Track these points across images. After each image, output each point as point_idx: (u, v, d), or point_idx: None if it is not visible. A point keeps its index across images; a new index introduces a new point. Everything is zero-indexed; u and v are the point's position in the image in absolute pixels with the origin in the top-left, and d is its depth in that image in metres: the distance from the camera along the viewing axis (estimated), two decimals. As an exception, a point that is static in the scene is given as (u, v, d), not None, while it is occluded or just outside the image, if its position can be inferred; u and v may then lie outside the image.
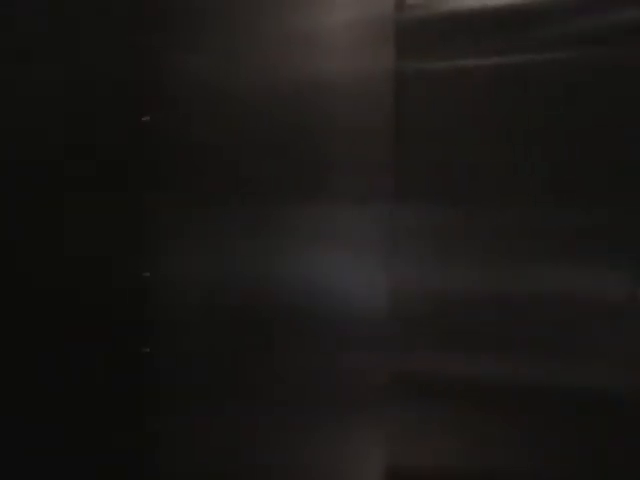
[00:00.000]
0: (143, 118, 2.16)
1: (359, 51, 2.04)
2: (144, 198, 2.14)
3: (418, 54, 2.03)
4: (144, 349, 2.10)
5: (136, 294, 2.11)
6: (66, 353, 2.15)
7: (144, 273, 2.12)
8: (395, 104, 2.03)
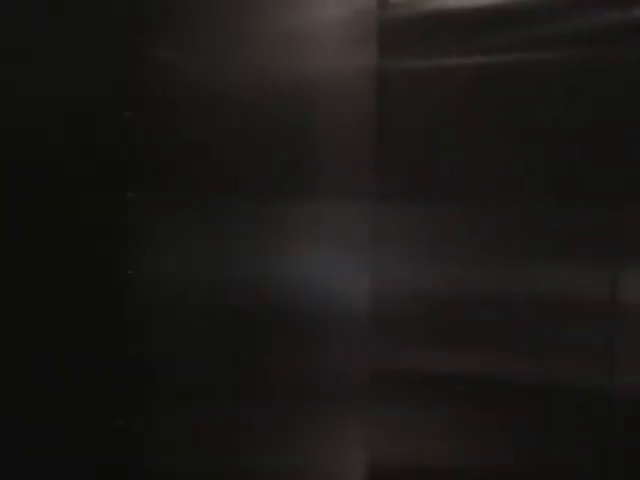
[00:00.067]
0: (125, 114, 2.15)
1: (342, 49, 2.04)
2: (127, 195, 2.13)
3: (401, 53, 2.02)
4: (128, 348, 2.10)
5: (120, 292, 2.11)
6: (48, 352, 2.15)
7: (128, 271, 2.11)
8: (377, 103, 2.03)
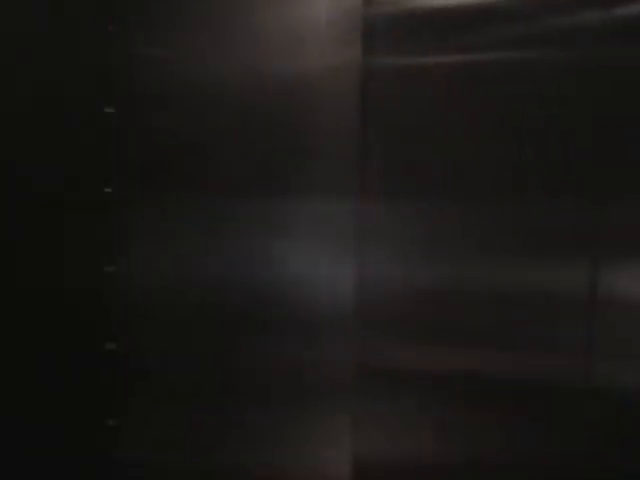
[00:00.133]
0: (107, 110, 2.14)
1: (326, 47, 2.03)
2: (106, 192, 2.12)
3: (385, 50, 2.01)
4: (108, 346, 2.09)
5: (99, 289, 2.10)
6: (28, 350, 2.13)
7: (108, 268, 2.10)
8: (361, 100, 2.02)
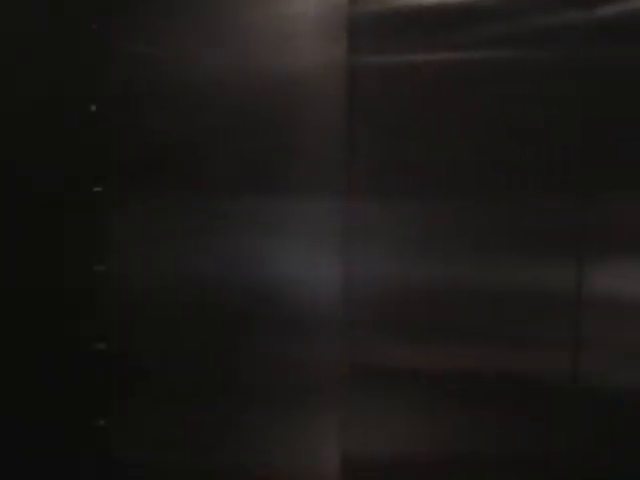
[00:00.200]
0: (91, 107, 2.13)
1: (312, 45, 2.03)
2: (95, 191, 2.12)
3: (371, 48, 2.02)
4: (98, 345, 2.10)
5: (89, 289, 2.10)
6: (17, 350, 2.13)
7: (97, 267, 2.10)
8: (347, 99, 2.02)
